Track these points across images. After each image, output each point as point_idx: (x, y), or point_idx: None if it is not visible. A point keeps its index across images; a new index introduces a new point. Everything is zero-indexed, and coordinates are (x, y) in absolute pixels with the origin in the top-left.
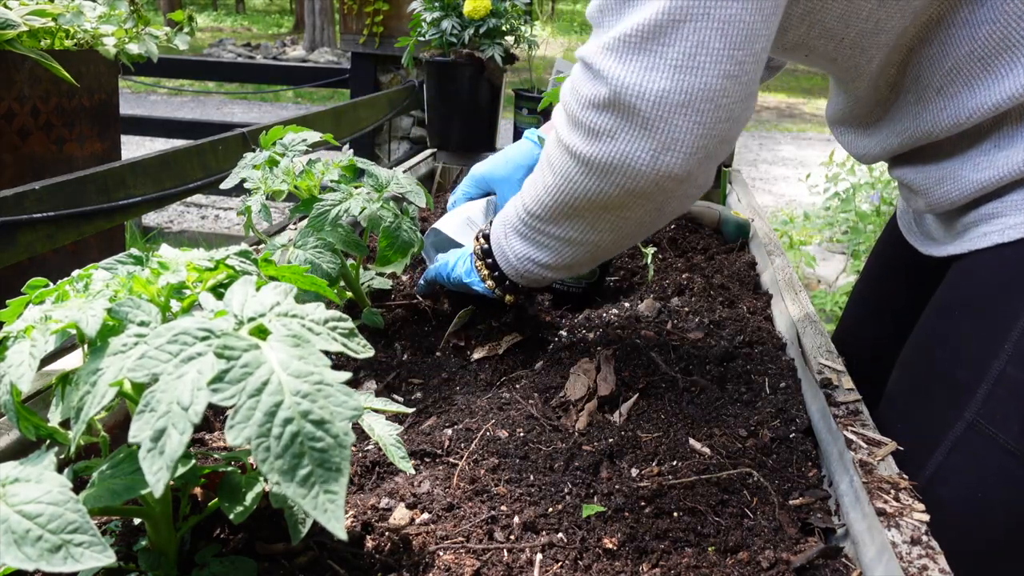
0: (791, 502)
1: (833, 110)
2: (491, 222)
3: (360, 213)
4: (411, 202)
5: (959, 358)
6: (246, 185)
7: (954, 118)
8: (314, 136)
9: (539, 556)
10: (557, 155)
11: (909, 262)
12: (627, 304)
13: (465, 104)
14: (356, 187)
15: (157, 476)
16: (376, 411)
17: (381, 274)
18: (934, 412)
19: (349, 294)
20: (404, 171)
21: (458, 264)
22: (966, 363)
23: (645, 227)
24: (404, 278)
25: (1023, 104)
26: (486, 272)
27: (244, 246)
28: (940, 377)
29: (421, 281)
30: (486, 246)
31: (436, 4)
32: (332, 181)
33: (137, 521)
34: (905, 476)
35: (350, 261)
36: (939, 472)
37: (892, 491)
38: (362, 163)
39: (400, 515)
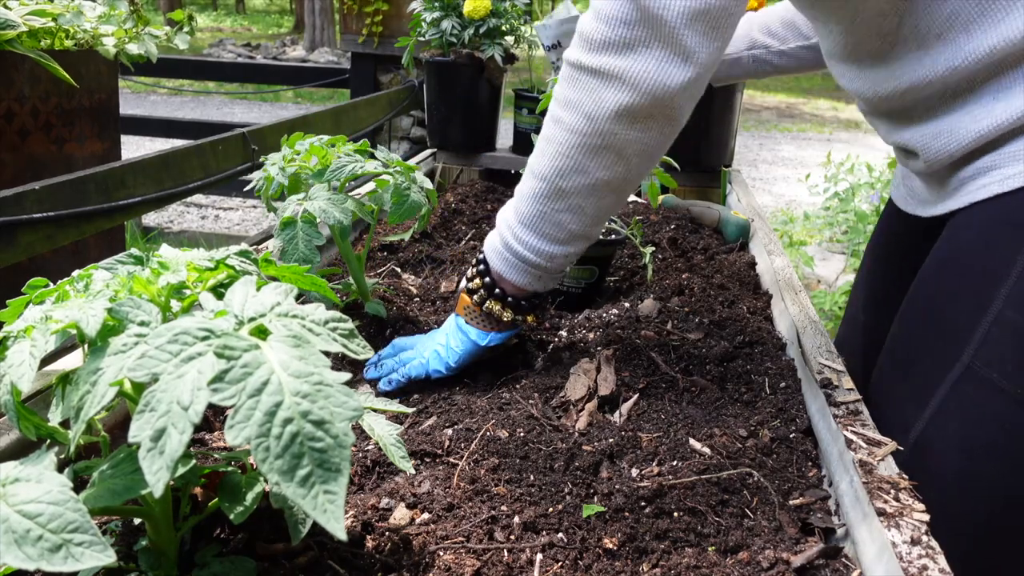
0: (791, 502)
1: (829, 46)
2: (482, 260)
3: (371, 174)
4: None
5: (958, 304)
6: (267, 165)
7: (950, 63)
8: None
9: (539, 556)
10: (576, 90)
11: (907, 249)
12: (627, 304)
13: (465, 104)
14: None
15: (157, 476)
16: (376, 411)
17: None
18: (932, 358)
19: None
20: None
21: (450, 346)
22: (964, 308)
23: (664, 141)
24: (415, 284)
25: (1020, 52)
26: (499, 307)
27: (244, 246)
28: (939, 324)
29: (392, 385)
30: (488, 281)
31: (436, 4)
32: (346, 153)
33: (137, 521)
34: (905, 476)
35: (356, 253)
36: (937, 416)
37: (892, 491)
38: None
39: (400, 515)
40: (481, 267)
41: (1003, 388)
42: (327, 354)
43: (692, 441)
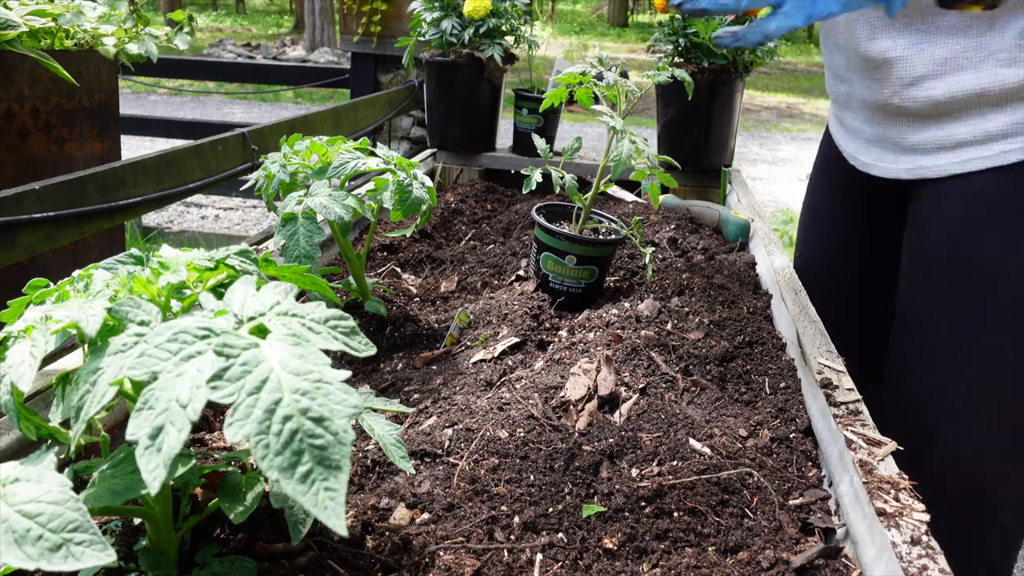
0: (791, 502)
1: None
2: None
3: (374, 170)
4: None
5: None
6: (268, 164)
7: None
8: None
9: (539, 556)
10: None
11: (887, 219)
12: (627, 304)
13: (465, 104)
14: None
15: (154, 474)
16: (376, 411)
17: (375, 301)
18: (971, 301)
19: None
20: None
21: None
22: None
23: None
24: (413, 287)
25: None
26: None
27: (244, 246)
28: (969, 279)
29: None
30: None
31: (436, 4)
32: (347, 150)
33: (137, 521)
34: (905, 476)
35: (356, 251)
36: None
37: (892, 491)
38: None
39: (400, 515)
40: None
41: None
42: (327, 352)
43: (692, 441)
